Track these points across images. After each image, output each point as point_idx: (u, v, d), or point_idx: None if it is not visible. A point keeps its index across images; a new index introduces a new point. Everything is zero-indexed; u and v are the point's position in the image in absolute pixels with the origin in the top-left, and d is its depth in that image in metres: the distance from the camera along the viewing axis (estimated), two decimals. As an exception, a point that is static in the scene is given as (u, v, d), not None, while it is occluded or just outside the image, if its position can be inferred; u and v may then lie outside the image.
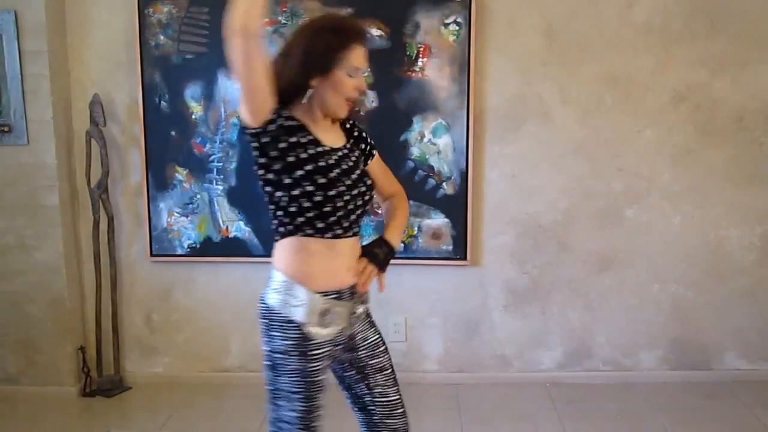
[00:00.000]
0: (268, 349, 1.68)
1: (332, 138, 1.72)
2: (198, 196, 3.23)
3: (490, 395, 3.23)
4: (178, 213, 3.25)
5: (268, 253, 3.35)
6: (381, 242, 1.80)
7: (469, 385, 3.31)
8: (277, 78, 1.59)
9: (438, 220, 3.20)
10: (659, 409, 3.07)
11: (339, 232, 1.67)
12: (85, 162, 3.16)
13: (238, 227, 3.24)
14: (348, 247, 1.71)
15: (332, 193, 1.62)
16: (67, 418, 3.07)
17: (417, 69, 3.10)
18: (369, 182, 1.76)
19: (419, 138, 3.15)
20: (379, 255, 1.77)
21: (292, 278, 1.65)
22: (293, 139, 1.61)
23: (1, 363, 3.23)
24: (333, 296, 1.67)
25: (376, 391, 1.81)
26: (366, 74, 3.10)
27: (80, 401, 3.23)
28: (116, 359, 3.34)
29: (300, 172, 1.60)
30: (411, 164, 3.17)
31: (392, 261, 1.81)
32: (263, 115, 1.56)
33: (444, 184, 3.18)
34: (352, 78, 1.65)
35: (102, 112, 3.11)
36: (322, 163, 1.62)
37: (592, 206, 3.25)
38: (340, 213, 1.65)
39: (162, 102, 3.17)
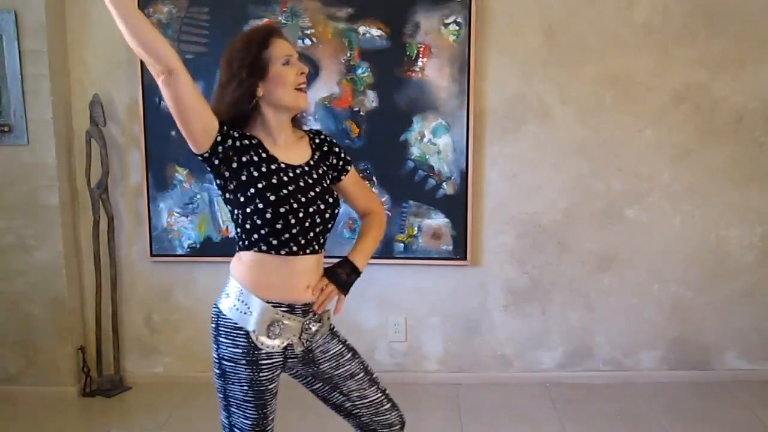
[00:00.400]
0: (217, 355, 1.69)
1: (292, 155, 1.71)
2: (198, 196, 3.23)
3: (490, 395, 3.23)
4: (178, 213, 3.25)
5: (268, 253, 3.34)
6: (345, 263, 1.80)
7: (469, 385, 3.31)
8: (225, 106, 1.65)
9: (438, 220, 3.20)
10: (659, 409, 3.07)
11: (294, 248, 1.66)
12: (85, 162, 3.16)
13: (238, 227, 3.24)
14: (308, 265, 1.70)
15: (282, 210, 1.62)
16: (67, 418, 3.07)
17: (417, 69, 3.10)
18: (331, 200, 1.73)
19: (419, 138, 3.15)
20: (341, 276, 1.77)
21: (245, 287, 1.67)
22: (245, 158, 1.64)
23: (1, 363, 3.23)
24: (284, 309, 1.67)
25: (353, 395, 1.82)
26: (366, 74, 3.11)
27: (80, 401, 3.23)
28: (116, 359, 3.34)
29: (252, 190, 1.62)
30: (411, 164, 3.17)
31: (391, 261, 1.80)
32: (205, 141, 1.59)
33: (444, 184, 3.18)
34: (289, 66, 1.67)
35: (102, 112, 3.11)
36: (273, 180, 1.63)
37: (592, 206, 3.25)
38: (294, 230, 1.64)
39: (162, 102, 3.16)
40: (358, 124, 3.15)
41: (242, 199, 1.63)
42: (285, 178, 1.65)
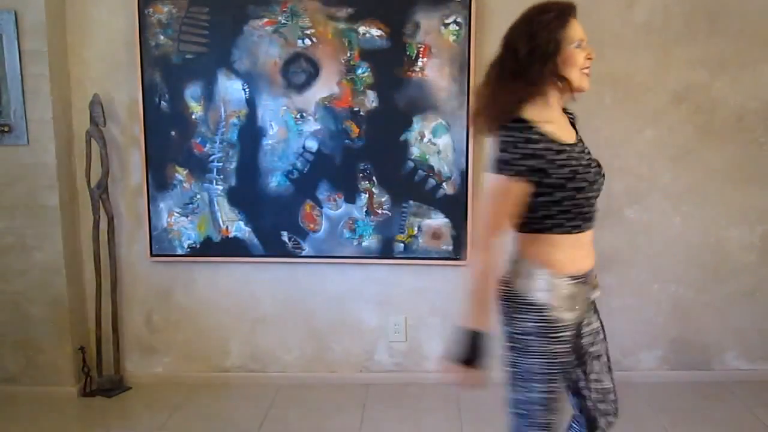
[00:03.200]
0: (511, 330, 1.73)
1: (565, 134, 1.72)
2: (198, 196, 3.23)
3: (490, 395, 3.23)
4: (178, 213, 3.25)
5: (267, 252, 3.37)
6: None
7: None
8: (509, 91, 1.65)
9: (438, 220, 3.20)
10: (659, 409, 3.07)
11: (581, 225, 1.71)
12: (85, 162, 3.16)
13: (238, 227, 3.24)
14: (589, 237, 1.76)
15: (576, 192, 1.66)
16: (67, 418, 3.07)
17: (417, 69, 3.10)
18: (601, 171, 1.78)
19: (419, 138, 3.15)
20: None
21: (541, 265, 1.69)
22: (542, 162, 1.62)
23: (1, 363, 3.23)
24: (578, 281, 1.72)
25: (591, 376, 1.85)
26: (366, 74, 3.11)
27: (80, 401, 3.23)
28: (116, 359, 3.34)
29: (550, 180, 1.63)
30: (411, 164, 3.17)
31: (391, 261, 1.82)
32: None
33: (444, 184, 3.18)
34: (580, 49, 1.69)
35: (102, 112, 3.11)
36: (566, 170, 1.65)
37: (592, 206, 3.25)
38: (583, 208, 1.69)
39: (162, 102, 3.17)
40: (358, 124, 3.15)
41: (542, 189, 1.65)
42: (573, 162, 1.67)
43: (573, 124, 1.83)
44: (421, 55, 3.09)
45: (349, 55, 3.10)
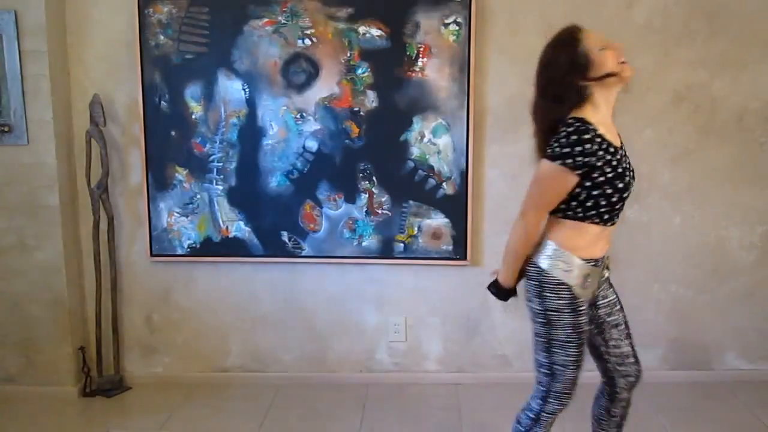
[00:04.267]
0: (541, 307, 1.97)
1: (614, 135, 1.92)
2: (198, 196, 3.23)
3: (490, 395, 3.23)
4: (178, 213, 3.25)
5: (267, 252, 3.38)
6: None
7: (469, 385, 3.31)
8: (558, 112, 1.90)
9: (438, 220, 3.20)
10: (659, 409, 3.07)
11: (614, 219, 1.95)
12: (85, 162, 3.16)
13: (238, 227, 3.24)
14: (613, 229, 2.00)
15: (625, 194, 1.91)
16: (67, 418, 3.07)
17: (417, 69, 3.10)
18: (634, 174, 2.00)
19: (419, 138, 3.15)
20: None
21: (564, 248, 1.93)
22: (596, 160, 1.83)
23: (1, 363, 3.23)
24: (592, 264, 1.96)
25: (611, 343, 2.13)
26: (366, 74, 3.11)
27: (80, 401, 3.23)
28: (116, 359, 3.34)
29: (601, 178, 1.85)
30: (411, 164, 3.17)
31: (391, 261, 1.91)
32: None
33: (444, 184, 3.18)
34: (606, 50, 1.87)
35: (102, 112, 3.11)
36: (619, 169, 1.87)
37: (592, 206, 3.25)
38: (619, 205, 1.93)
39: (162, 102, 3.17)
40: (358, 124, 3.15)
41: (588, 183, 1.86)
42: (623, 164, 1.90)
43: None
44: (421, 55, 3.09)
45: (349, 55, 3.10)
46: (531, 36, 3.13)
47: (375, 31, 3.08)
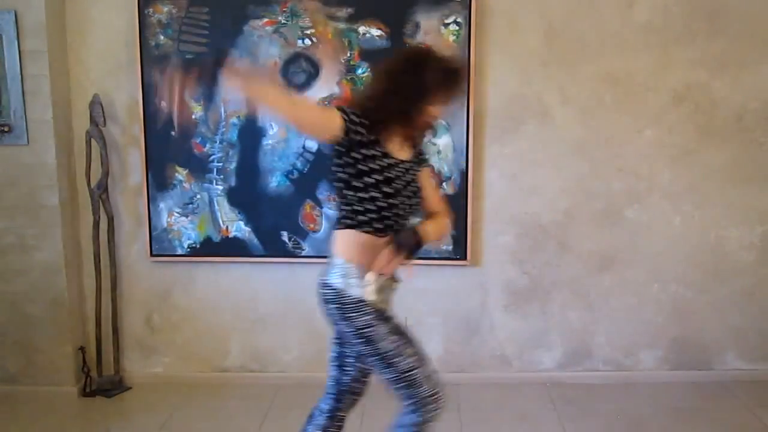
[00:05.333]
0: (353, 329, 1.90)
1: (401, 151, 1.95)
2: (198, 196, 3.23)
3: (490, 395, 3.23)
4: (178, 213, 3.25)
5: (267, 252, 3.37)
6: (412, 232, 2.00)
7: (469, 385, 3.31)
8: (378, 108, 1.88)
9: (438, 220, 3.20)
10: (659, 409, 3.07)
11: (390, 232, 1.92)
12: (85, 162, 3.16)
13: (238, 227, 3.24)
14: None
15: (395, 201, 1.89)
16: (67, 418, 3.06)
17: (417, 69, 3.10)
18: (421, 193, 2.02)
19: (419, 138, 3.14)
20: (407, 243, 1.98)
21: (357, 264, 1.90)
22: (365, 152, 1.85)
23: (1, 363, 3.23)
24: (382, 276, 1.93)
25: (361, 356, 2.03)
26: (366, 74, 3.11)
27: (80, 401, 3.23)
28: (116, 359, 3.34)
29: (369, 180, 1.85)
30: (411, 164, 3.17)
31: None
32: (327, 136, 1.84)
33: (444, 184, 3.18)
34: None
35: (102, 112, 3.11)
36: (389, 174, 1.87)
37: (592, 206, 3.25)
38: (396, 218, 1.92)
39: (162, 102, 3.16)
40: (358, 124, 3.14)
41: (358, 184, 1.87)
42: (398, 173, 1.92)
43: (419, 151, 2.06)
44: (421, 55, 3.09)
45: (349, 55, 3.10)
46: (531, 36, 3.13)
47: (375, 31, 3.08)
